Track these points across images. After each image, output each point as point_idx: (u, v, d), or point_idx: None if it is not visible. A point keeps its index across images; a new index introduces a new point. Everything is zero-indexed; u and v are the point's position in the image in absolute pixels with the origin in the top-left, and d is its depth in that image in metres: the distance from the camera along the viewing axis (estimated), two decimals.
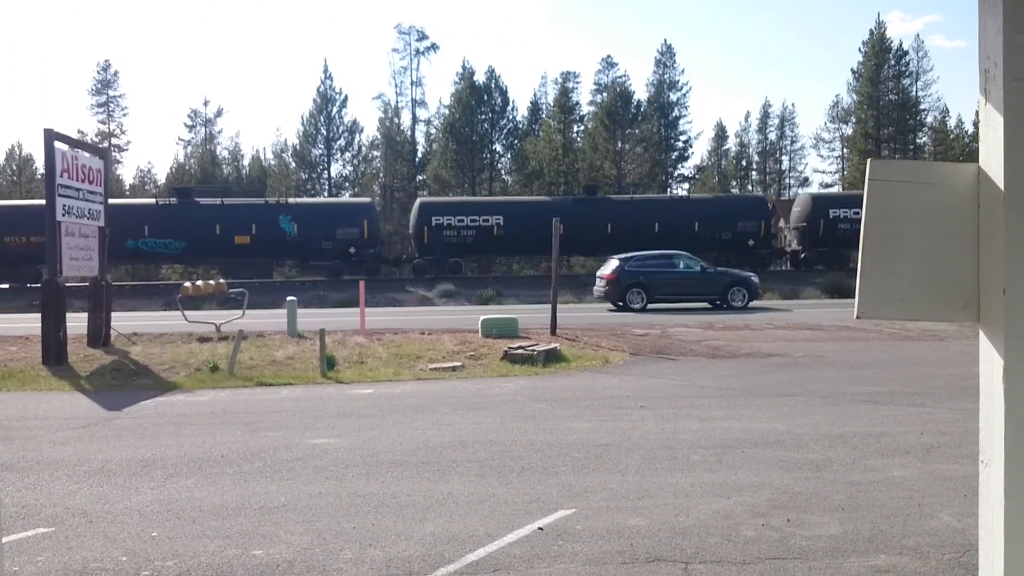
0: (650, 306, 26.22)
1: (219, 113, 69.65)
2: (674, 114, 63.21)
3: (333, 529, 5.87)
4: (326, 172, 62.51)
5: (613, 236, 39.02)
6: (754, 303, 27.31)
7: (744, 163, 70.34)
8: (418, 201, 43.03)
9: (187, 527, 5.98)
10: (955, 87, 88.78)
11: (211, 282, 22.98)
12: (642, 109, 61.51)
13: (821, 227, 39.91)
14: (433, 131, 66.87)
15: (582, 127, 64.13)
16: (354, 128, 63.21)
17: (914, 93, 59.69)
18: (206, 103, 79.20)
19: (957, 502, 6.29)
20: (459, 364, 14.50)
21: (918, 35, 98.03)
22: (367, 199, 48.20)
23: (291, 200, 44.68)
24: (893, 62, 59.13)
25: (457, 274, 39.80)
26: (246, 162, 70.92)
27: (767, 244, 41.59)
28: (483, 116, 61.47)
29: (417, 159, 65.82)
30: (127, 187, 66.28)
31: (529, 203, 43.45)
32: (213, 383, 13.01)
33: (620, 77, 64.14)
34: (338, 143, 62.49)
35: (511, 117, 63.64)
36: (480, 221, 40.12)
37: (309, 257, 40.42)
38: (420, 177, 64.82)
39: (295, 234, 38.84)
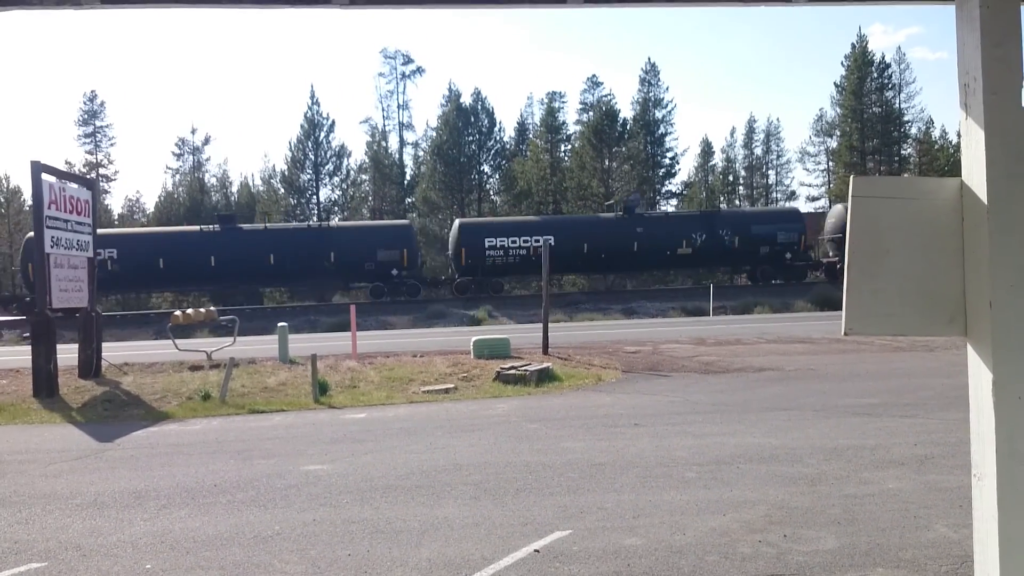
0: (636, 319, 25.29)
1: (207, 141, 69.67)
2: (660, 131, 63.53)
3: (328, 557, 5.83)
4: (315, 197, 62.53)
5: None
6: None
7: (731, 178, 70.65)
8: (457, 222, 43.03)
9: (181, 559, 5.93)
10: (938, 98, 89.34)
11: (201, 310, 22.92)
12: (628, 127, 61.80)
13: None
14: (421, 153, 67.09)
15: (569, 146, 64.40)
16: (342, 152, 63.29)
17: (897, 105, 60.14)
18: (193, 131, 79.11)
19: (953, 513, 6.29)
20: (452, 386, 14.46)
21: (900, 47, 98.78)
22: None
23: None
24: (876, 75, 59.61)
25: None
26: (234, 189, 70.91)
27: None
28: (470, 137, 61.66)
29: (405, 182, 65.92)
30: (116, 217, 66.08)
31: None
32: (205, 412, 12.94)
33: (605, 96, 64.52)
34: (326, 168, 62.50)
35: (498, 138, 63.86)
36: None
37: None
38: (409, 199, 64.90)
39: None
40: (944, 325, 2.45)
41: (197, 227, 42.28)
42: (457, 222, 42.46)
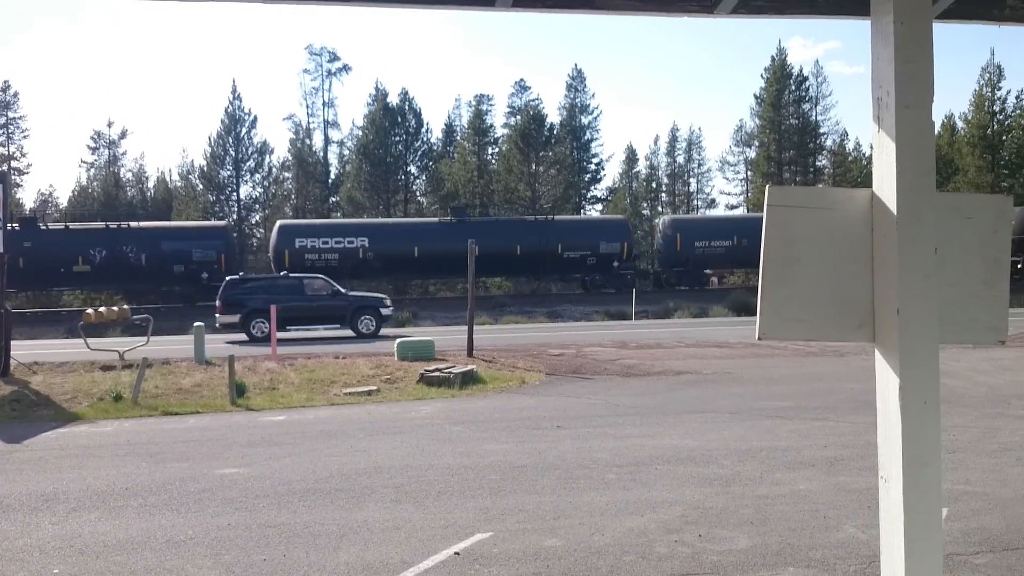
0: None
1: (123, 134, 67.51)
2: (586, 137, 64.16)
3: (243, 562, 5.71)
4: (235, 194, 61.22)
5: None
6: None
7: (654, 185, 71.82)
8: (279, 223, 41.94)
9: (90, 563, 5.75)
10: (853, 112, 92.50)
11: (114, 308, 22.18)
12: (555, 132, 62.27)
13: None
14: (346, 152, 66.33)
15: (496, 149, 64.50)
16: (264, 149, 62.00)
17: (814, 117, 61.96)
18: (110, 124, 76.71)
19: (861, 514, 6.51)
20: (374, 388, 14.33)
21: (817, 61, 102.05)
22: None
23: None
24: (794, 87, 61.27)
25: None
26: (151, 184, 68.99)
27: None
28: (397, 138, 61.16)
29: (330, 180, 65.06)
30: (27, 211, 63.51)
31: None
32: (117, 413, 12.55)
33: (533, 100, 64.81)
34: (247, 164, 61.24)
35: (425, 139, 63.50)
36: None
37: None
38: (333, 199, 64.09)
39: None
40: (854, 331, 2.53)
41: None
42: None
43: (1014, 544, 5.76)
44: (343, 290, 26.69)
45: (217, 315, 25.30)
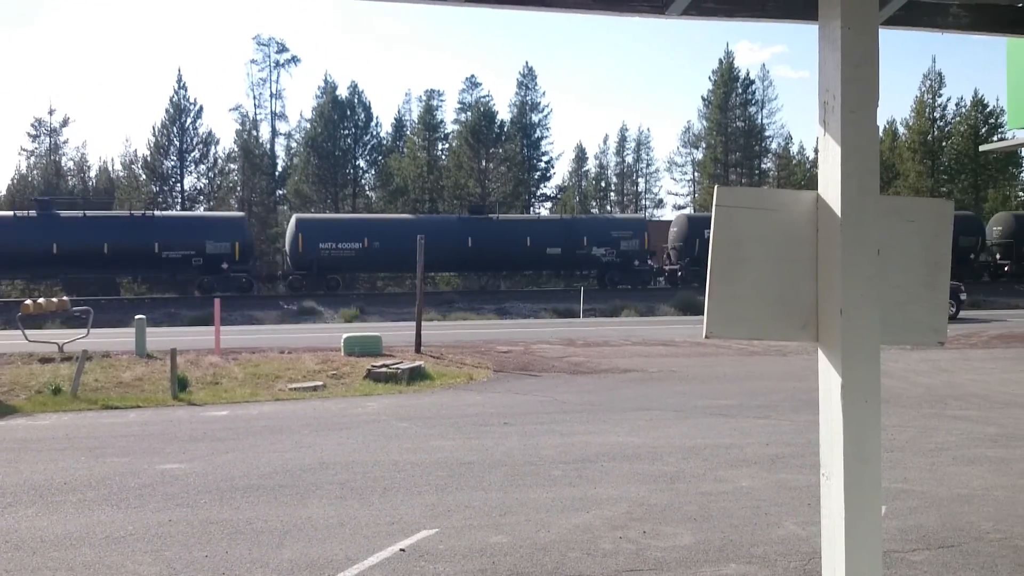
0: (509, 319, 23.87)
1: (65, 122, 65.75)
2: (536, 135, 64.25)
3: (184, 559, 5.61)
4: (179, 184, 60.07)
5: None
6: None
7: (603, 184, 72.31)
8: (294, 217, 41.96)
9: (27, 559, 5.61)
10: (798, 115, 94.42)
11: (53, 299, 21.64)
12: (505, 129, 62.28)
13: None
14: (294, 145, 65.44)
15: (446, 145, 64.30)
16: (209, 140, 60.88)
17: (760, 120, 63.03)
18: (51, 112, 74.52)
19: (802, 511, 6.63)
20: (320, 384, 14.19)
21: (764, 65, 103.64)
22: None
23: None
24: (741, 90, 62.25)
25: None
26: (93, 173, 67.30)
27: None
28: (346, 131, 60.58)
29: (277, 173, 64.19)
30: None
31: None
32: (55, 406, 12.24)
33: (484, 97, 64.67)
34: (192, 155, 60.12)
35: (375, 133, 63.01)
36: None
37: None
38: (280, 191, 63.25)
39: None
40: (798, 331, 2.57)
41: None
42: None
43: (949, 542, 5.93)
44: None
45: None
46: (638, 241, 42.35)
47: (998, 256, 45.27)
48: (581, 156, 71.83)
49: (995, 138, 53.19)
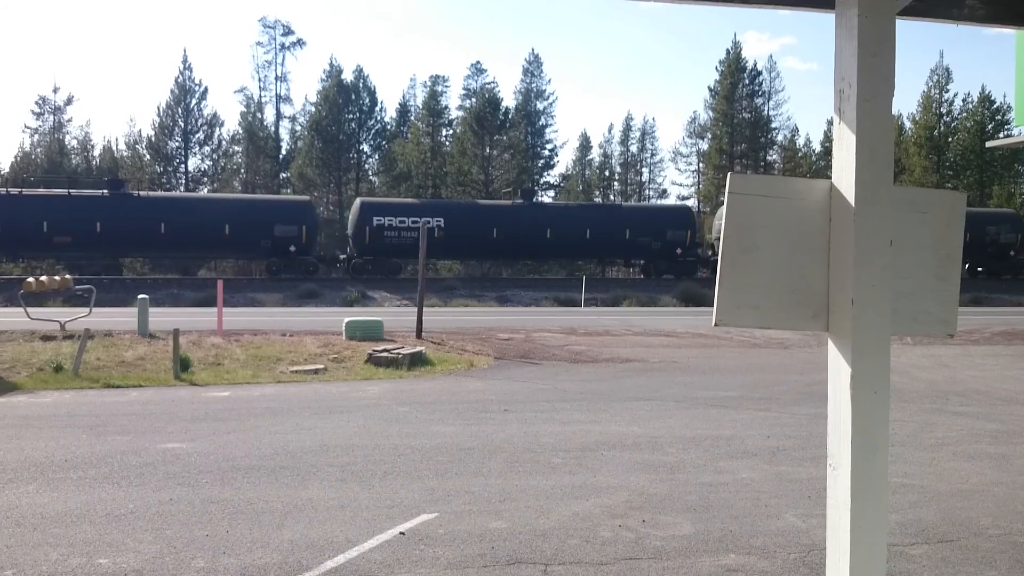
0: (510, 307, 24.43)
1: (69, 101, 65.73)
2: (541, 122, 64.11)
3: (184, 537, 5.62)
4: (183, 165, 60.01)
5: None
6: None
7: (607, 173, 72.17)
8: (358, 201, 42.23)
9: (28, 535, 5.62)
10: (804, 107, 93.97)
11: (56, 278, 21.62)
12: (510, 116, 62.10)
13: None
14: (298, 128, 65.32)
15: (450, 131, 64.15)
16: (214, 121, 60.80)
17: (766, 112, 62.84)
18: (56, 90, 74.41)
19: (802, 503, 6.64)
20: (321, 367, 14.20)
21: (771, 56, 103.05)
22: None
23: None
24: (747, 81, 62.01)
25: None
26: (96, 152, 67.24)
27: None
28: (350, 115, 60.46)
29: (281, 156, 64.10)
30: None
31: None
32: (57, 384, 12.26)
33: (489, 83, 64.52)
34: (196, 136, 60.03)
35: (379, 118, 62.87)
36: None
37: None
38: (284, 175, 63.17)
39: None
40: (808, 320, 2.55)
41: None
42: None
43: (949, 536, 5.93)
44: None
45: None
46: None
47: None
48: (585, 145, 71.70)
49: (1002, 135, 53.02)
